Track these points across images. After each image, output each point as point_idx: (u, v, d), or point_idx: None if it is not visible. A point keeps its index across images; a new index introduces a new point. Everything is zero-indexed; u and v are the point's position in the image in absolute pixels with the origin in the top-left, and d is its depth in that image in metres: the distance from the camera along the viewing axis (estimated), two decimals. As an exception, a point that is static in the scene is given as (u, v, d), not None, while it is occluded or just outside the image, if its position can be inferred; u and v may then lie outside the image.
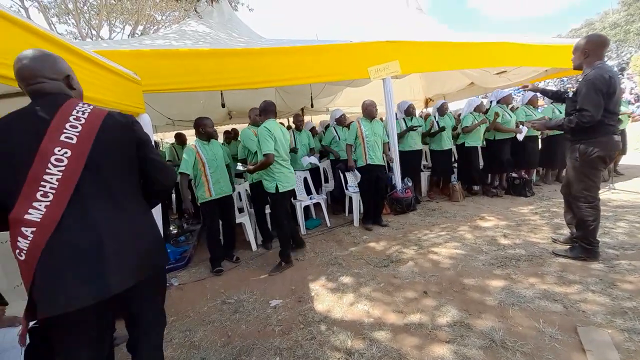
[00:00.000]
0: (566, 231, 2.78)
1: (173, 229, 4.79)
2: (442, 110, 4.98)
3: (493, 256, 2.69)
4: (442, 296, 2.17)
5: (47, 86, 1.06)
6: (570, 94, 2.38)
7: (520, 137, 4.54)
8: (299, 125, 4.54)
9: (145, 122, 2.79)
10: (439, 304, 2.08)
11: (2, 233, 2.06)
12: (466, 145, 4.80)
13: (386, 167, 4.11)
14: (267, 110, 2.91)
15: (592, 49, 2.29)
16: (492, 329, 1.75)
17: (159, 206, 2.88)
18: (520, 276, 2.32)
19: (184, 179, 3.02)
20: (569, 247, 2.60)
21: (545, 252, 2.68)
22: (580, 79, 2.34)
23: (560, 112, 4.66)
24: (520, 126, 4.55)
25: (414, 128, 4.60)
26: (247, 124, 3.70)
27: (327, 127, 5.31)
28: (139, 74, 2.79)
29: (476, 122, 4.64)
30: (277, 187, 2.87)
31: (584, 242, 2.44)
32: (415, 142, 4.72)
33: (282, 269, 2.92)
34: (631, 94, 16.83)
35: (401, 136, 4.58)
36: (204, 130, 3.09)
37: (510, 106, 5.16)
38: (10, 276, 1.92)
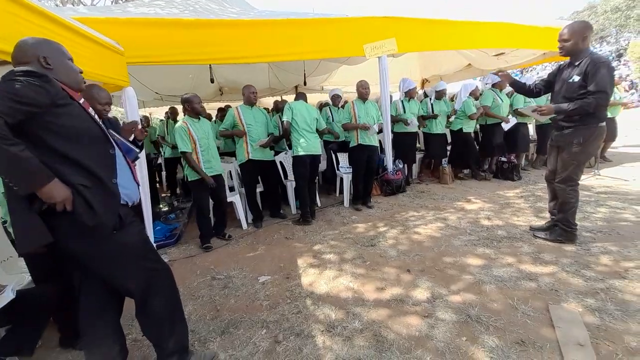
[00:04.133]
0: (548, 215, 2.86)
1: (163, 207, 4.79)
2: (439, 94, 4.91)
3: (475, 237, 2.78)
4: (424, 274, 2.25)
5: None
6: (576, 79, 2.30)
7: (506, 126, 4.55)
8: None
9: (130, 95, 2.70)
10: (420, 281, 2.16)
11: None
12: (464, 131, 4.79)
13: (379, 149, 4.11)
14: (299, 96, 3.81)
15: (588, 34, 2.29)
16: (469, 305, 1.85)
17: (146, 182, 2.86)
18: (499, 256, 2.41)
19: (189, 157, 2.97)
20: (548, 230, 2.68)
21: (526, 234, 2.77)
22: (578, 63, 2.29)
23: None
24: (510, 116, 4.56)
25: (407, 123, 4.51)
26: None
27: (321, 107, 5.20)
28: (123, 45, 2.66)
29: (474, 108, 4.64)
30: (294, 151, 3.48)
31: (564, 225, 2.52)
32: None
33: (299, 223, 3.52)
34: (625, 80, 16.81)
35: (396, 120, 4.56)
36: (191, 107, 3.01)
37: (508, 90, 5.13)
38: (-3, 250, 1.91)
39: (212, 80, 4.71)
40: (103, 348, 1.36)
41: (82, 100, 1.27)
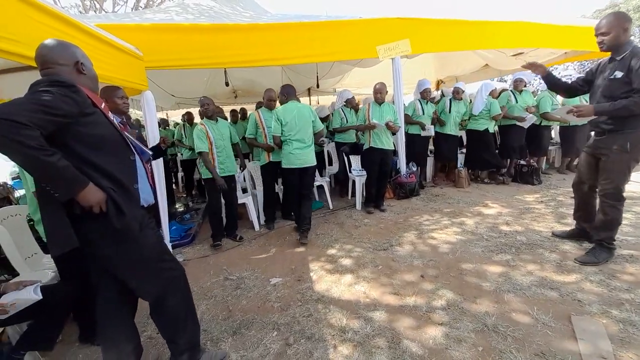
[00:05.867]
0: (570, 221, 2.74)
1: (179, 207, 4.90)
2: (457, 94, 4.78)
3: (493, 243, 2.70)
4: (439, 280, 2.20)
5: (52, 71, 1.18)
6: (619, 75, 2.03)
7: (524, 124, 4.40)
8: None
9: (149, 99, 2.78)
10: (435, 287, 2.11)
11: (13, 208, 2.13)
12: (490, 131, 4.66)
13: (392, 152, 4.04)
14: (288, 93, 3.20)
15: (628, 25, 2.04)
16: (486, 314, 1.79)
17: (163, 183, 2.93)
18: (519, 263, 2.33)
19: (205, 156, 3.07)
20: (588, 253, 2.32)
21: (547, 240, 2.66)
22: (621, 58, 2.05)
23: (586, 101, 4.00)
24: (527, 114, 4.42)
25: (424, 128, 4.47)
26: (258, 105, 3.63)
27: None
28: (141, 50, 2.74)
29: (499, 108, 4.55)
30: (283, 163, 3.21)
31: (609, 243, 2.25)
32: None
33: (296, 231, 3.36)
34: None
35: (412, 122, 4.49)
36: (203, 110, 3.11)
37: (532, 90, 4.97)
38: (22, 248, 1.99)
39: (226, 84, 4.79)
40: (118, 346, 1.39)
41: (102, 105, 1.31)
